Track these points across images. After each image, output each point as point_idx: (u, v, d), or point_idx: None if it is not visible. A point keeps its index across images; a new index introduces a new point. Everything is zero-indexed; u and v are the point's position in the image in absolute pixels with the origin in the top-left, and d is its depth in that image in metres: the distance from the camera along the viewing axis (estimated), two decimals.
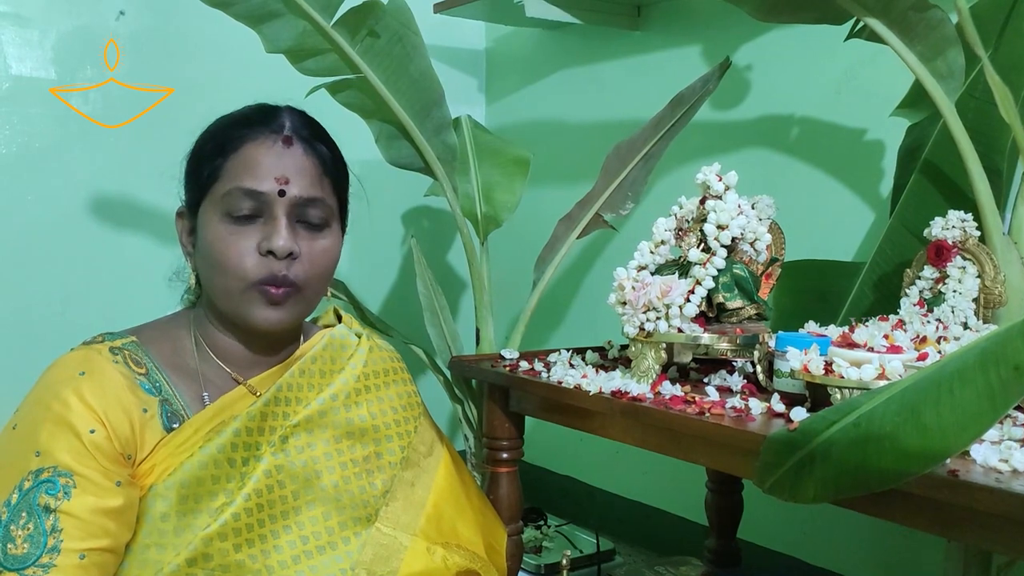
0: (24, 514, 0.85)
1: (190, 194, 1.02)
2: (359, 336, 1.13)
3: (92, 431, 0.89)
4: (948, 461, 0.80)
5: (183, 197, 1.04)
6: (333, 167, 1.04)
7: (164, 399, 0.97)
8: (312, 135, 1.03)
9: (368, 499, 1.04)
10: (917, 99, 1.43)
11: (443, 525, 1.10)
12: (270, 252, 0.96)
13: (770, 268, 1.36)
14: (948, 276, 1.24)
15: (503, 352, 1.46)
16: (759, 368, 1.15)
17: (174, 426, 0.96)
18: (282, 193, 0.97)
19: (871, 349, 0.99)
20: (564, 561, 1.43)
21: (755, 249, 1.20)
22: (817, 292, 1.52)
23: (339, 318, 1.17)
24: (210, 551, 0.91)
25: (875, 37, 1.29)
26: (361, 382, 1.09)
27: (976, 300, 1.22)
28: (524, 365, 1.36)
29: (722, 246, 1.16)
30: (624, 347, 1.43)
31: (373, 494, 1.04)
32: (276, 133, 0.99)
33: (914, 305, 1.26)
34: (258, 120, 1.01)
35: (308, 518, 0.99)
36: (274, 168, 0.98)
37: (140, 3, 2.01)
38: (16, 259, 1.91)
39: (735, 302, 1.17)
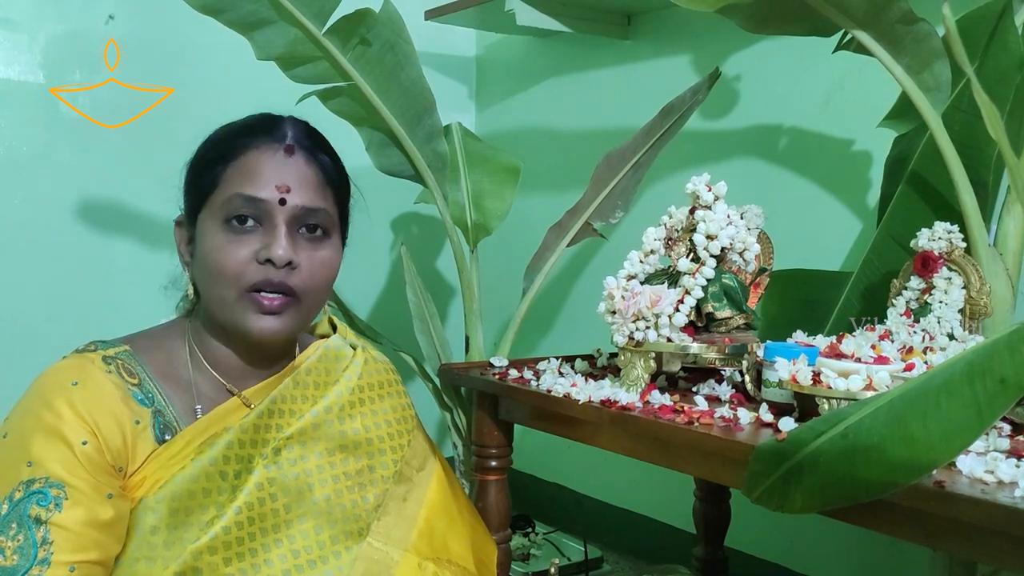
0: (14, 525, 0.84)
1: (189, 202, 1.01)
2: (354, 348, 1.12)
3: (84, 442, 0.88)
4: (934, 472, 0.81)
5: (182, 206, 1.03)
6: (335, 177, 1.03)
7: (156, 410, 0.96)
8: (314, 145, 1.02)
9: (360, 513, 1.03)
10: (904, 111, 1.45)
11: (435, 540, 1.09)
12: (269, 261, 0.95)
13: (758, 278, 1.37)
14: (934, 287, 1.25)
15: (492, 360, 1.46)
16: (747, 378, 1.16)
17: (166, 438, 0.95)
18: (283, 202, 0.96)
19: (858, 360, 1.00)
20: (552, 569, 1.44)
21: (744, 259, 1.21)
22: (805, 302, 1.53)
23: (334, 328, 1.16)
24: (200, 565, 0.90)
25: (863, 49, 1.30)
26: (355, 394, 1.07)
27: (962, 311, 1.23)
28: (513, 373, 1.36)
29: (711, 256, 1.17)
30: (613, 356, 1.44)
31: (365, 508, 1.03)
32: (278, 142, 0.99)
33: (900, 315, 1.27)
34: (260, 129, 1.00)
35: (299, 532, 0.98)
36: (275, 176, 0.97)
37: (130, 7, 2.01)
38: (2, 264, 1.90)
39: (724, 312, 1.18)
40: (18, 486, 0.86)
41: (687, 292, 1.15)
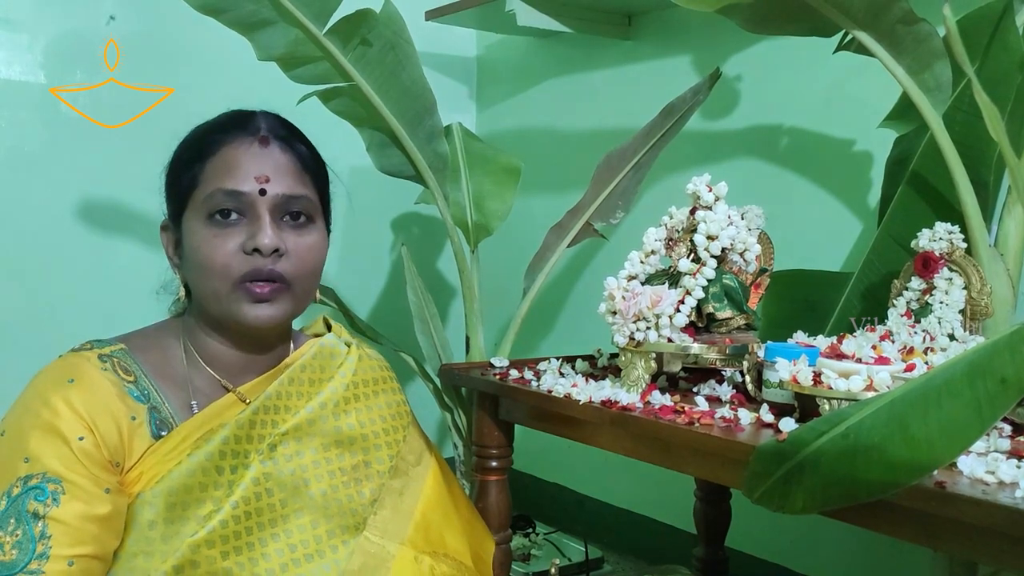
0: (12, 520, 0.85)
1: (172, 205, 1.03)
2: (348, 345, 1.13)
3: (81, 438, 0.89)
4: (935, 473, 0.81)
5: (165, 211, 1.04)
6: (312, 164, 1.04)
7: (153, 407, 0.97)
8: (288, 134, 1.03)
9: (356, 507, 1.04)
10: (905, 111, 1.45)
11: (431, 534, 1.10)
12: (256, 250, 0.96)
13: (759, 278, 1.37)
14: (935, 287, 1.25)
15: (493, 360, 1.46)
16: (748, 378, 1.16)
17: (162, 434, 0.96)
18: (263, 192, 0.98)
19: (859, 360, 1.00)
20: (553, 570, 1.44)
21: (744, 259, 1.21)
22: (805, 302, 1.53)
23: (328, 327, 1.17)
24: (197, 558, 0.91)
25: (863, 50, 1.30)
26: (350, 391, 1.09)
27: (963, 311, 1.23)
28: (514, 373, 1.36)
29: (712, 256, 1.17)
30: (614, 356, 1.44)
31: (361, 503, 1.04)
32: (252, 134, 1.00)
33: (901, 316, 1.27)
34: (233, 124, 1.01)
35: (296, 526, 0.99)
36: (253, 168, 0.98)
37: (131, 8, 2.01)
38: (3, 264, 1.90)
39: (724, 312, 1.18)
40: (16, 482, 0.86)
41: (688, 292, 1.15)
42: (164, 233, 1.05)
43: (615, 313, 1.17)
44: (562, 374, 1.33)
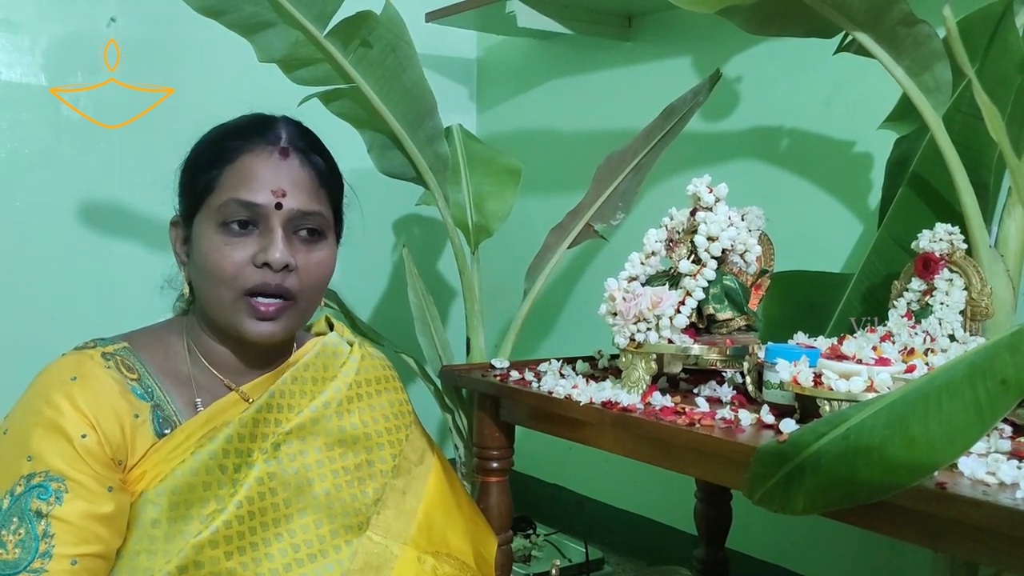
0: (15, 519, 0.85)
1: (185, 204, 1.02)
2: (351, 344, 1.13)
3: (84, 436, 0.89)
4: (936, 474, 0.81)
5: (177, 207, 1.04)
6: (329, 178, 1.04)
7: (156, 405, 0.97)
8: (308, 146, 1.03)
9: (359, 507, 1.04)
10: (905, 112, 1.45)
11: (433, 534, 1.10)
12: (266, 264, 0.96)
13: (760, 279, 1.37)
14: (935, 288, 1.25)
15: (493, 361, 1.46)
16: (748, 379, 1.16)
17: (166, 432, 0.96)
18: (279, 206, 0.97)
19: (860, 361, 1.00)
20: (553, 571, 1.44)
21: (745, 260, 1.21)
22: (806, 303, 1.53)
23: (331, 326, 1.17)
24: (201, 558, 0.91)
25: (863, 51, 1.30)
26: (353, 390, 1.09)
27: (963, 312, 1.23)
28: (514, 374, 1.36)
29: (712, 257, 1.17)
30: (614, 357, 1.44)
31: (364, 502, 1.04)
32: (272, 144, 0.99)
33: (902, 317, 1.27)
34: (254, 131, 1.01)
35: (300, 526, 0.99)
36: (271, 180, 0.97)
37: (132, 9, 2.01)
38: (6, 265, 1.90)
39: (725, 313, 1.18)
40: (19, 480, 0.87)
41: (688, 294, 1.15)
42: (174, 228, 1.04)
43: (616, 314, 1.17)
44: (563, 375, 1.34)
